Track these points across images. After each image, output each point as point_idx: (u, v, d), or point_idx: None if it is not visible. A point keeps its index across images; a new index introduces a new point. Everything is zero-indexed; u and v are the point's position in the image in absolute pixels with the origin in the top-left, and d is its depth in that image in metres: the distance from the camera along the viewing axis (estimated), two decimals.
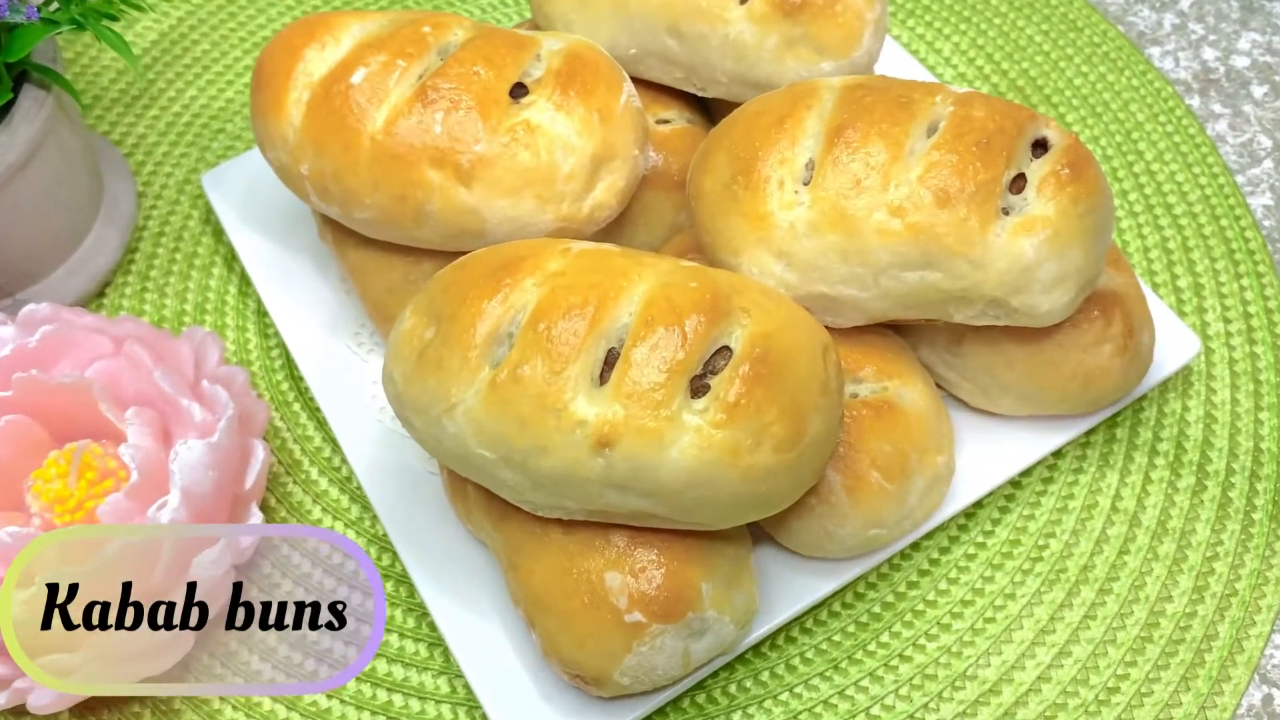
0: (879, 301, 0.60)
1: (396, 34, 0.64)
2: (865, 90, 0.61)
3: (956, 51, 0.92)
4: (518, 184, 0.62)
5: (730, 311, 0.54)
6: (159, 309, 0.79)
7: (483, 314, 0.54)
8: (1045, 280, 0.58)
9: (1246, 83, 0.90)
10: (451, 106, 0.62)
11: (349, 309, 0.74)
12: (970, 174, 0.57)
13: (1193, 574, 0.68)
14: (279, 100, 0.64)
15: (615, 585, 0.55)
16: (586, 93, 0.64)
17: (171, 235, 0.83)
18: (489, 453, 0.54)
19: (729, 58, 0.68)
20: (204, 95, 0.90)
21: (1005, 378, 0.65)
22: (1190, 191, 0.84)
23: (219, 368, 0.70)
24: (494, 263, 0.56)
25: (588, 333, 0.53)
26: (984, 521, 0.69)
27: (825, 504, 0.60)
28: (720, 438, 0.52)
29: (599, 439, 0.52)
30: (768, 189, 0.59)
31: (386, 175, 0.62)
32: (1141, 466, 0.71)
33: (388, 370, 0.57)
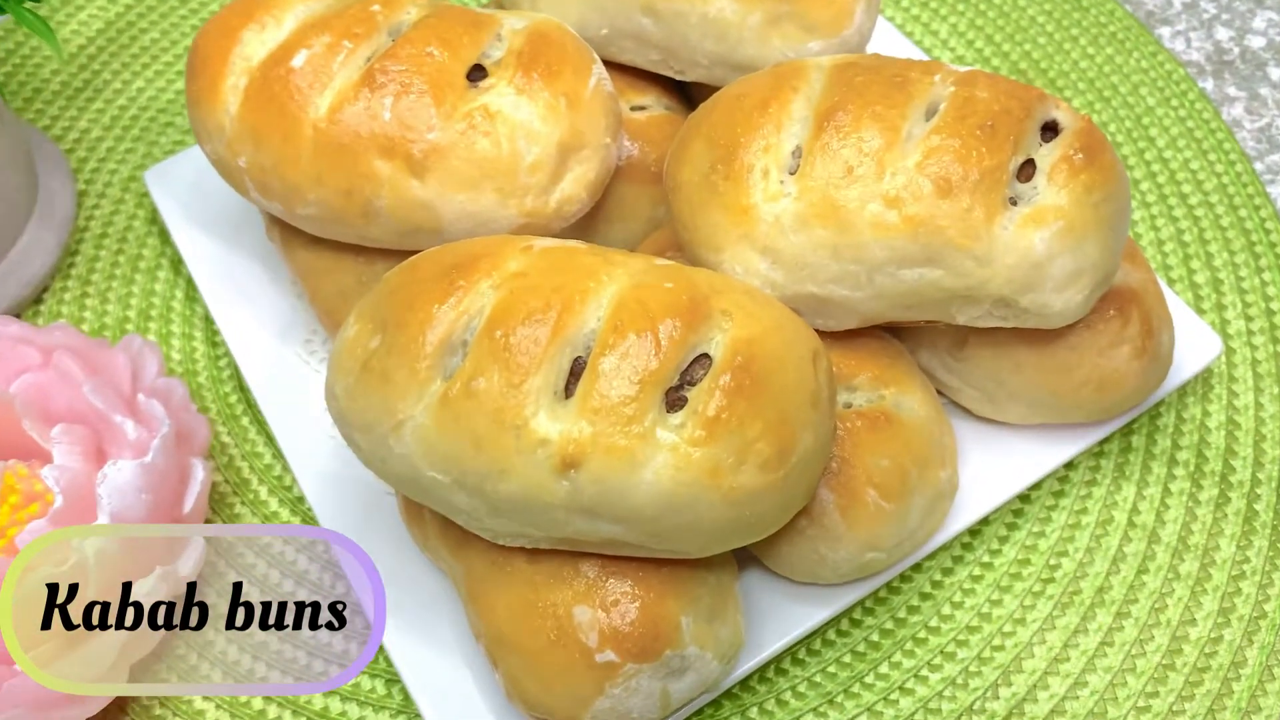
0: (874, 302, 0.54)
1: (343, 13, 0.59)
2: (857, 70, 0.55)
3: (954, 33, 0.87)
4: (476, 176, 0.57)
5: (709, 315, 0.49)
6: (100, 316, 0.74)
7: (433, 320, 0.48)
8: (1058, 277, 0.52)
9: (1263, 64, 0.85)
10: (402, 91, 0.56)
11: (300, 314, 0.69)
12: (974, 160, 0.52)
13: (1217, 595, 0.62)
14: (214, 87, 0.58)
15: (585, 621, 0.50)
16: (552, 75, 0.58)
17: (114, 237, 0.77)
18: (441, 475, 0.48)
19: (709, 37, 0.62)
20: (151, 87, 0.84)
21: (1013, 383, 0.60)
22: (1206, 180, 0.78)
23: (157, 380, 0.64)
24: (446, 262, 0.51)
25: (550, 340, 0.47)
26: (990, 539, 0.64)
27: (817, 526, 0.54)
28: (699, 457, 0.46)
29: (563, 459, 0.46)
30: (751, 179, 0.54)
31: (331, 168, 0.56)
32: (1160, 478, 0.66)
33: (330, 384, 0.52)
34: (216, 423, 0.69)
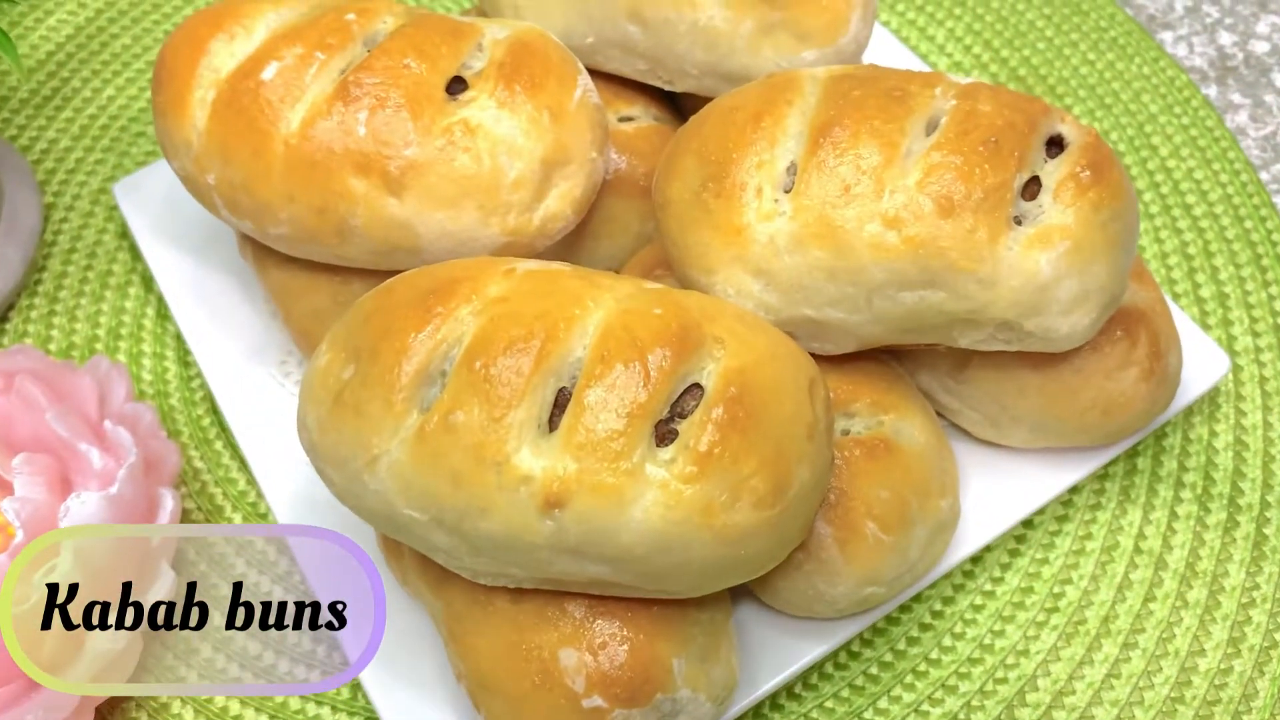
0: (872, 326, 0.52)
1: (316, 22, 0.56)
2: (854, 82, 0.53)
3: (951, 38, 0.84)
4: (456, 193, 0.54)
5: (701, 342, 0.46)
6: (68, 335, 0.71)
7: (409, 350, 0.46)
8: (1064, 300, 0.50)
9: (1267, 69, 0.82)
10: (377, 105, 0.54)
11: (275, 334, 0.66)
12: (977, 178, 0.49)
13: (1227, 623, 0.60)
14: (181, 100, 0.56)
15: (571, 664, 0.47)
16: (535, 87, 0.55)
17: (83, 252, 0.74)
18: (418, 513, 0.46)
19: (699, 47, 0.60)
20: (122, 95, 0.81)
21: (1016, 407, 0.58)
22: (1210, 190, 0.76)
23: (125, 405, 0.62)
24: (423, 287, 0.48)
25: (533, 371, 0.45)
26: (992, 567, 0.62)
27: (815, 560, 0.52)
28: (690, 494, 0.44)
29: (547, 498, 0.44)
30: (744, 197, 0.52)
31: (303, 185, 0.54)
32: (1166, 501, 0.64)
33: (301, 414, 0.49)
34: (189, 446, 0.67)
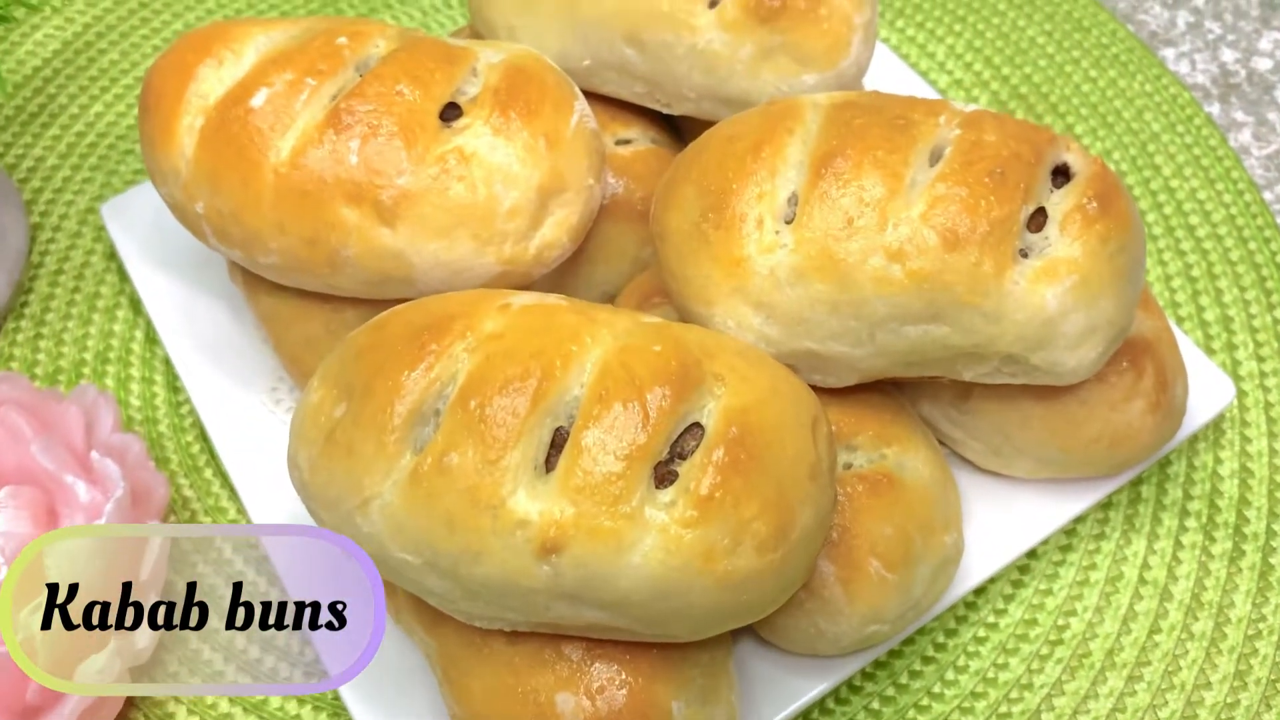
0: (875, 359, 0.51)
1: (306, 46, 0.55)
2: (856, 110, 0.52)
3: (951, 55, 0.83)
4: (450, 223, 0.53)
5: (701, 380, 0.45)
6: (55, 359, 0.70)
7: (402, 389, 0.45)
8: (1071, 334, 0.49)
9: (1270, 87, 0.82)
10: (369, 132, 0.52)
11: (266, 359, 0.65)
12: (983, 210, 0.48)
13: (1233, 656, 0.59)
14: (168, 127, 0.54)
15: (568, 709, 0.46)
16: (530, 113, 0.54)
17: (70, 273, 0.73)
18: (411, 557, 0.45)
19: (697, 70, 0.59)
20: (110, 112, 0.80)
21: (1020, 438, 0.57)
22: (1214, 211, 0.75)
23: (112, 435, 0.60)
24: (417, 323, 0.47)
25: (529, 411, 0.44)
26: (995, 598, 0.61)
27: (816, 599, 0.51)
28: (691, 539, 0.43)
29: (544, 543, 0.43)
30: (744, 228, 0.50)
31: (294, 215, 0.53)
32: (1171, 530, 0.63)
33: (292, 452, 0.48)
34: (178, 474, 0.65)
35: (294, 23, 0.57)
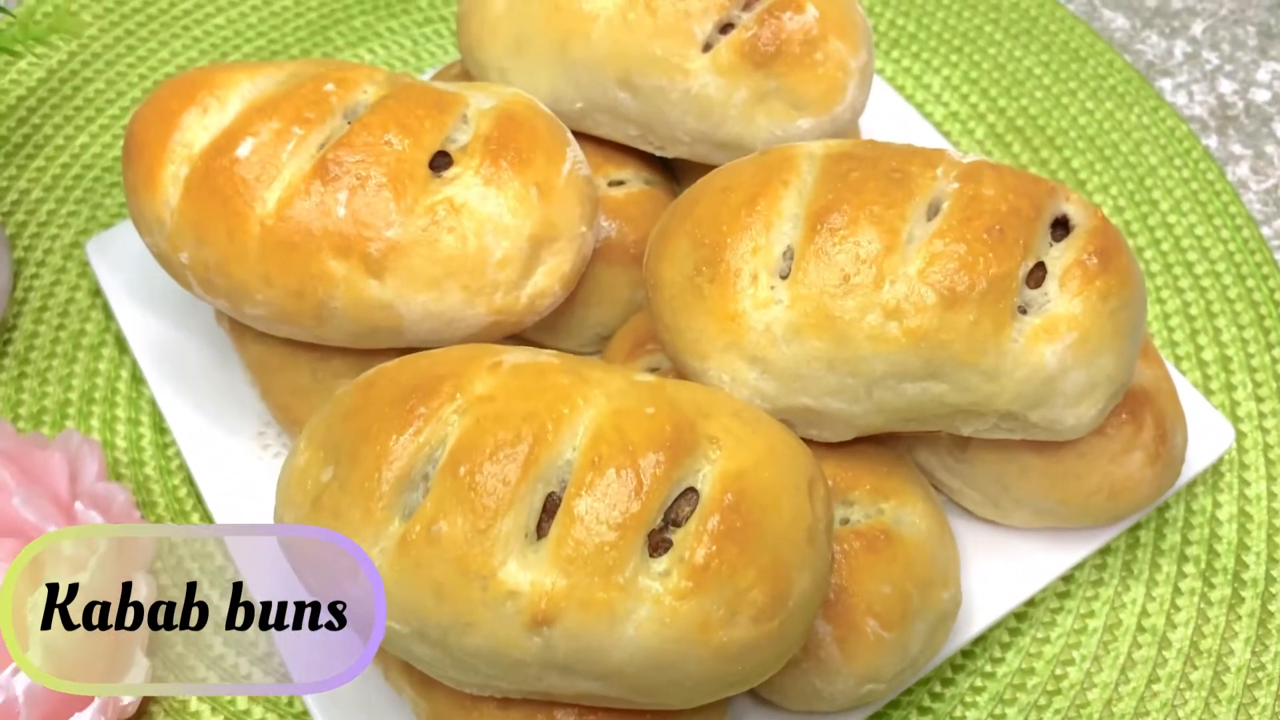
0: (873, 416, 0.50)
1: (293, 94, 0.54)
2: (852, 162, 0.51)
3: (947, 86, 0.82)
4: (439, 274, 0.52)
5: (696, 444, 0.44)
6: (39, 399, 0.69)
7: (390, 455, 0.44)
8: (1070, 393, 0.49)
9: (1268, 119, 0.81)
10: (357, 184, 0.51)
11: (254, 403, 0.64)
12: (981, 268, 0.48)
13: (1233, 705, 0.59)
14: (152, 176, 0.53)
15: None
16: (522, 163, 0.53)
17: (55, 310, 0.72)
18: (399, 625, 0.44)
19: (691, 114, 0.58)
20: (96, 143, 0.79)
21: (1019, 489, 0.56)
22: (1212, 247, 0.74)
23: (97, 484, 0.59)
24: (405, 384, 0.46)
25: (521, 478, 0.43)
26: (992, 646, 0.60)
27: (813, 659, 0.50)
28: (686, 610, 0.42)
29: (535, 615, 0.42)
30: (739, 283, 0.50)
31: (280, 267, 0.52)
32: (1170, 576, 0.62)
33: (278, 515, 0.47)
34: (165, 519, 0.64)
35: (280, 67, 0.56)
